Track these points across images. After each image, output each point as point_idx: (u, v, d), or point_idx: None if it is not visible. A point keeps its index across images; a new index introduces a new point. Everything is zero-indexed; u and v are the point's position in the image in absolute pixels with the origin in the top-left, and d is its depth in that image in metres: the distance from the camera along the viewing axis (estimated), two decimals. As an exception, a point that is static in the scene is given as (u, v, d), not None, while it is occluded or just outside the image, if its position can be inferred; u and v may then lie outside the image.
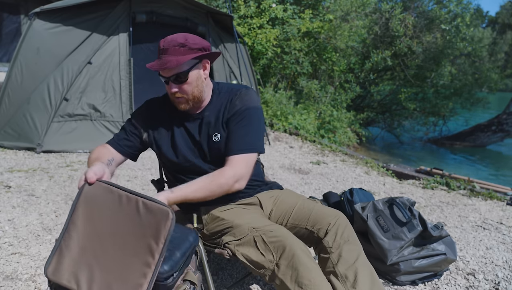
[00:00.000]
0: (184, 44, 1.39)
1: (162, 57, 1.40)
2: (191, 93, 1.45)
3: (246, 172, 1.45)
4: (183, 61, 1.37)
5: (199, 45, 1.42)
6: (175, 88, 1.43)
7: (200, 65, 1.46)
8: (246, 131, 1.48)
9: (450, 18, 9.14)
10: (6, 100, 4.13)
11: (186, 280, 1.22)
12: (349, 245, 1.39)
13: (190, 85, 1.44)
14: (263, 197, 1.64)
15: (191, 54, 1.40)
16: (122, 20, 4.37)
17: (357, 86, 8.64)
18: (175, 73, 1.40)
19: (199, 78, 1.46)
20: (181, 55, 1.39)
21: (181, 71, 1.41)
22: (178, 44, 1.39)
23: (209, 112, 1.54)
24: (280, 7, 7.86)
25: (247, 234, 1.39)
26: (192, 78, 1.44)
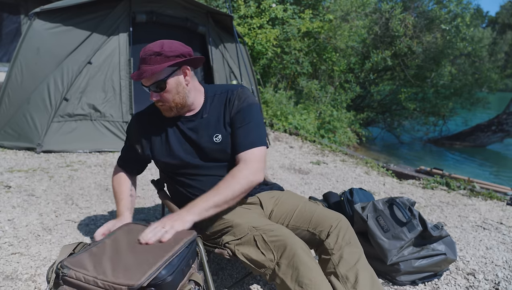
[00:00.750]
0: (159, 53, 1.40)
1: (141, 67, 1.42)
2: (172, 100, 1.47)
3: (260, 164, 1.48)
4: (157, 70, 1.38)
5: (176, 52, 1.42)
6: (155, 96, 1.46)
7: (180, 72, 1.46)
8: (251, 127, 1.51)
9: (450, 18, 9.14)
10: (6, 100, 4.13)
11: (191, 280, 1.24)
12: (350, 247, 1.40)
13: (169, 93, 1.45)
14: (264, 197, 1.64)
15: (167, 62, 1.40)
16: (122, 20, 4.37)
17: (357, 86, 8.64)
18: (153, 82, 1.42)
19: (179, 85, 1.46)
20: (157, 64, 1.40)
21: (159, 80, 1.42)
22: (154, 53, 1.40)
23: (208, 114, 1.55)
24: (280, 7, 7.86)
25: (247, 233, 1.39)
26: (171, 86, 1.45)
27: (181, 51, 1.44)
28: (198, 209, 1.37)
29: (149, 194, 3.07)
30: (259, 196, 1.64)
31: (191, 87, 1.51)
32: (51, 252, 2.07)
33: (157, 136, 1.58)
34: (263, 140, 1.52)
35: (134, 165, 1.72)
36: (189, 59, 1.46)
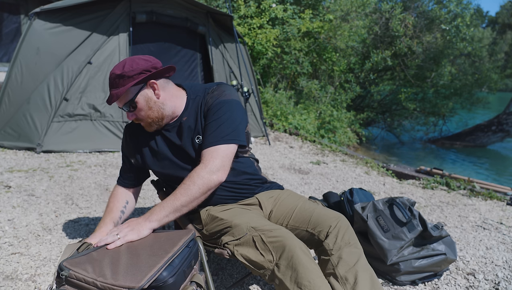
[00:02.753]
0: (121, 75, 1.40)
1: (110, 92, 1.44)
2: (147, 116, 1.48)
3: (220, 163, 1.41)
4: (121, 93, 1.40)
5: (137, 70, 1.41)
6: (131, 116, 1.48)
7: (147, 87, 1.45)
8: (217, 124, 1.45)
9: (450, 18, 9.14)
10: (6, 100, 4.13)
11: (192, 282, 1.24)
12: (349, 247, 1.39)
13: (142, 110, 1.46)
14: (263, 197, 1.64)
15: (130, 82, 1.40)
16: (122, 20, 4.37)
17: (357, 86, 8.64)
18: (124, 103, 1.44)
19: (149, 100, 1.46)
20: (121, 86, 1.41)
21: (128, 100, 1.44)
22: (116, 76, 1.41)
23: (187, 117, 1.53)
24: (280, 7, 7.86)
25: (246, 234, 1.38)
26: (141, 104, 1.45)
27: (143, 68, 1.41)
28: (157, 216, 1.36)
29: (149, 194, 3.07)
30: (258, 196, 1.63)
31: (165, 98, 1.48)
32: (51, 252, 2.07)
33: (146, 147, 1.59)
34: (232, 137, 1.45)
35: (130, 177, 1.69)
36: (153, 73, 1.43)
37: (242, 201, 1.60)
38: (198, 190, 1.38)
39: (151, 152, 1.59)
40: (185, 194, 1.38)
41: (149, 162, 1.60)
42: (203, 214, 1.55)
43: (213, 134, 1.44)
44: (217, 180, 1.40)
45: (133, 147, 1.62)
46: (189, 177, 1.40)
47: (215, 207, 1.56)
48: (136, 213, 2.68)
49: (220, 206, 1.57)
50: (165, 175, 1.60)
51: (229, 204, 1.58)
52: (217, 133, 1.44)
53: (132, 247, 1.27)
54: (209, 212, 1.54)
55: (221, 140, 1.43)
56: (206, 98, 1.51)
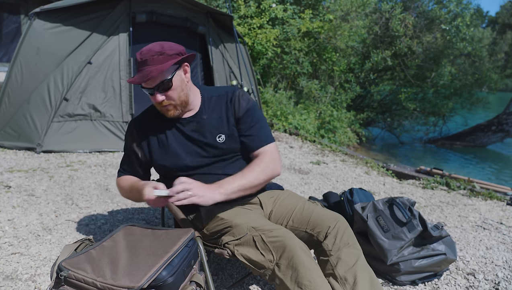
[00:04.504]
0: (162, 52, 1.40)
1: (143, 69, 1.41)
2: (178, 98, 1.48)
3: (278, 157, 1.57)
4: (165, 68, 1.39)
5: (175, 50, 1.44)
6: (161, 97, 1.44)
7: (181, 70, 1.48)
8: (261, 125, 1.57)
9: (450, 18, 9.14)
10: (6, 100, 4.13)
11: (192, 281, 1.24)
12: (348, 248, 1.39)
13: (175, 91, 1.46)
14: (264, 197, 1.64)
15: (171, 60, 1.41)
16: (122, 20, 4.37)
17: (357, 86, 8.64)
18: (159, 82, 1.42)
19: (182, 82, 1.48)
20: (161, 63, 1.40)
21: (165, 79, 1.42)
22: (156, 53, 1.40)
23: (207, 115, 1.56)
24: (280, 7, 7.86)
25: (246, 234, 1.39)
26: (177, 83, 1.46)
27: (179, 50, 1.46)
28: (226, 190, 1.39)
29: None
30: (259, 196, 1.64)
31: (191, 84, 1.54)
32: (51, 252, 2.07)
33: (156, 140, 1.58)
34: (272, 137, 1.60)
35: (136, 173, 1.68)
36: (186, 56, 1.48)
37: (243, 199, 1.61)
38: (265, 176, 1.49)
39: (160, 146, 1.57)
40: (254, 176, 1.45)
41: (157, 155, 1.58)
42: (203, 213, 1.55)
43: (264, 133, 1.56)
44: (278, 172, 1.54)
45: (141, 140, 1.60)
46: (256, 164, 1.49)
47: (215, 207, 1.56)
48: (136, 213, 2.68)
49: (221, 205, 1.57)
50: (170, 169, 1.57)
51: (230, 203, 1.58)
52: (266, 132, 1.57)
53: (131, 246, 1.27)
54: (210, 212, 1.54)
55: (271, 139, 1.58)
56: (234, 101, 1.56)
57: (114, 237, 1.34)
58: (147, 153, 1.60)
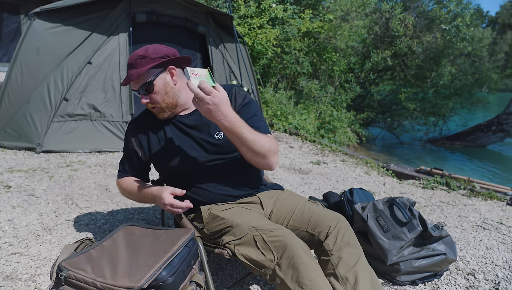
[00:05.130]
0: (144, 56, 1.45)
1: (128, 72, 1.46)
2: (162, 101, 1.50)
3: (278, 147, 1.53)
4: (142, 72, 1.43)
5: (160, 54, 1.47)
6: (145, 99, 1.49)
7: (166, 72, 1.50)
8: (259, 117, 1.57)
9: (450, 18, 9.13)
10: (6, 100, 4.13)
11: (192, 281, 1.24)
12: (349, 248, 1.40)
13: (158, 94, 1.48)
14: (264, 197, 1.64)
15: (151, 63, 1.44)
16: (122, 20, 4.37)
17: (357, 86, 8.64)
18: (141, 84, 1.46)
19: (166, 85, 1.50)
20: (142, 66, 1.44)
21: (146, 81, 1.46)
22: (139, 57, 1.45)
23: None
24: (280, 7, 7.86)
25: (247, 233, 1.39)
26: (159, 87, 1.48)
27: (165, 53, 1.48)
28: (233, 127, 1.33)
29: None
30: (259, 195, 1.64)
31: (180, 86, 1.54)
32: (51, 252, 2.07)
33: (156, 139, 1.59)
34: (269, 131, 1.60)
35: (136, 173, 1.70)
36: (173, 59, 1.49)
37: (244, 199, 1.61)
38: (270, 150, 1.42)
39: (160, 144, 1.58)
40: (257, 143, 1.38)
41: (156, 154, 1.59)
42: (204, 213, 1.55)
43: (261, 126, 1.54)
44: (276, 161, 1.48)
45: (141, 139, 1.61)
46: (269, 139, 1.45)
47: (216, 206, 1.56)
48: (136, 213, 2.68)
49: (221, 205, 1.57)
50: (170, 167, 1.58)
51: (231, 202, 1.59)
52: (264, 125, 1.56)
53: (131, 246, 1.27)
54: (210, 211, 1.54)
55: (269, 131, 1.57)
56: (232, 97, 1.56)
57: (114, 237, 1.34)
58: (147, 152, 1.61)
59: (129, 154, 1.67)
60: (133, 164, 1.67)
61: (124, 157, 1.70)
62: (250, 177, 1.63)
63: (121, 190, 1.71)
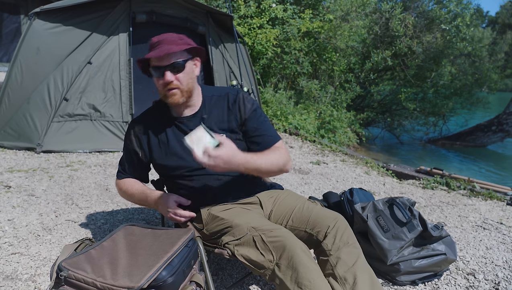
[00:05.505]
0: (182, 38, 1.47)
1: (160, 47, 1.43)
2: (186, 84, 1.48)
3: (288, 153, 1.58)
4: (184, 47, 1.42)
5: (192, 43, 1.50)
6: (172, 77, 1.44)
7: (193, 61, 1.51)
8: (268, 124, 1.60)
9: (450, 18, 9.13)
10: (6, 100, 4.13)
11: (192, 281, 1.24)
12: (348, 247, 1.39)
13: (186, 76, 1.47)
14: (263, 197, 1.64)
15: (186, 46, 1.45)
16: (122, 20, 4.37)
17: (357, 86, 8.64)
18: (173, 61, 1.43)
19: (192, 71, 1.50)
20: (178, 45, 1.43)
21: (179, 59, 1.44)
22: (176, 37, 1.45)
23: (208, 115, 1.56)
24: (280, 7, 7.86)
25: (246, 234, 1.39)
26: (188, 69, 1.48)
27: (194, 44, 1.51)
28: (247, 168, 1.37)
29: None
30: (259, 196, 1.64)
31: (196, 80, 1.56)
32: (51, 252, 2.07)
33: (156, 140, 1.58)
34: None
35: (135, 173, 1.69)
36: (201, 49, 1.51)
37: (243, 199, 1.61)
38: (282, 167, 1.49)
39: (160, 144, 1.57)
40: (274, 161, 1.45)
41: (157, 154, 1.58)
42: (203, 213, 1.55)
43: (272, 132, 1.59)
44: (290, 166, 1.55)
45: (142, 140, 1.60)
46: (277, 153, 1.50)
47: (215, 207, 1.56)
48: (136, 213, 2.68)
49: (221, 205, 1.57)
50: (170, 168, 1.57)
51: (230, 203, 1.58)
52: (273, 131, 1.60)
53: (131, 246, 1.27)
54: (210, 212, 1.54)
55: (278, 136, 1.60)
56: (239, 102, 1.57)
57: (114, 237, 1.34)
58: (147, 152, 1.60)
59: (129, 154, 1.65)
60: (133, 164, 1.66)
61: (124, 157, 1.69)
62: (250, 179, 1.62)
63: (120, 191, 1.70)
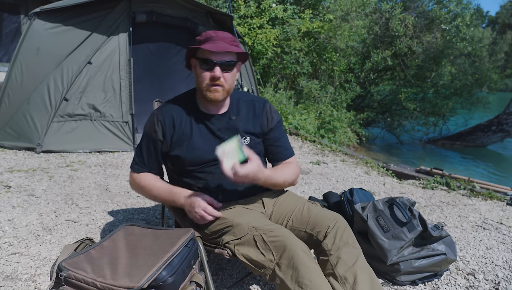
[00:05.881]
0: (235, 40, 1.51)
1: (218, 42, 1.45)
2: (229, 84, 1.52)
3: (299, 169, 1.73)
4: (238, 50, 1.47)
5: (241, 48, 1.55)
6: (220, 73, 1.47)
7: (238, 65, 1.56)
8: (287, 138, 1.74)
9: (450, 18, 9.13)
10: (6, 100, 4.13)
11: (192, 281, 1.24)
12: (348, 247, 1.39)
13: (231, 76, 1.52)
14: (266, 197, 1.65)
15: (240, 50, 1.49)
16: (122, 20, 4.37)
17: (357, 86, 8.64)
18: (227, 60, 1.47)
19: (236, 74, 1.56)
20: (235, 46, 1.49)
21: (232, 60, 1.49)
22: (232, 39, 1.49)
23: (236, 117, 1.60)
24: (280, 7, 7.86)
25: (247, 233, 1.39)
26: (235, 70, 1.53)
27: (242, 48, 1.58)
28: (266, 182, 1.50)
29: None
30: (262, 196, 1.65)
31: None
32: (51, 252, 2.07)
33: (180, 130, 1.55)
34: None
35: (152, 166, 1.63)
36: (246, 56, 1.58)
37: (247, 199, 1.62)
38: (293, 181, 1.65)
39: (182, 137, 1.55)
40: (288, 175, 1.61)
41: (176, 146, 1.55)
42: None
43: (289, 147, 1.72)
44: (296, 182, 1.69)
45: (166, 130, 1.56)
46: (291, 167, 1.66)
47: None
48: (136, 213, 2.68)
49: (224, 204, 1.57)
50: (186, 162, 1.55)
51: (234, 201, 1.59)
52: (290, 146, 1.74)
53: (131, 246, 1.27)
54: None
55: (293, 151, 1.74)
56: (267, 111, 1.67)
57: (114, 237, 1.34)
58: (169, 143, 1.56)
59: (150, 143, 1.59)
60: (151, 156, 1.60)
61: (143, 148, 1.62)
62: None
63: (138, 185, 1.63)
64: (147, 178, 1.62)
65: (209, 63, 1.45)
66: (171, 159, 1.60)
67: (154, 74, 4.84)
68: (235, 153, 1.36)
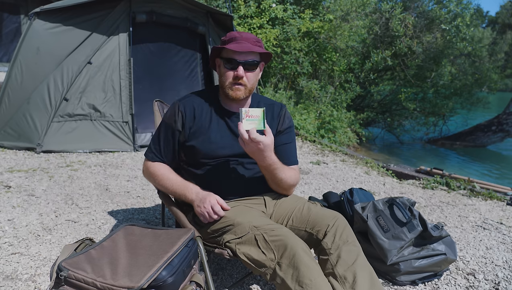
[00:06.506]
0: (258, 41, 1.55)
1: (242, 42, 1.50)
2: (252, 83, 1.56)
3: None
4: (262, 50, 1.51)
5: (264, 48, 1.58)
6: (243, 73, 1.51)
7: (261, 65, 1.60)
8: (294, 146, 1.75)
9: (450, 18, 9.13)
10: (6, 100, 4.13)
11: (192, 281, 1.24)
12: (348, 246, 1.40)
13: (254, 76, 1.56)
14: (268, 197, 1.66)
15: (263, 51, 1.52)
16: (122, 20, 4.37)
17: (357, 86, 8.63)
18: (250, 60, 1.51)
19: (258, 74, 1.60)
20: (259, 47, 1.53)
21: (255, 60, 1.53)
22: (255, 40, 1.54)
23: None
24: (280, 7, 7.86)
25: (248, 232, 1.39)
26: (257, 70, 1.58)
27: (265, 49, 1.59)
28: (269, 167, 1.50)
29: (149, 194, 3.07)
30: (264, 195, 1.65)
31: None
32: (51, 252, 2.07)
33: (200, 122, 1.58)
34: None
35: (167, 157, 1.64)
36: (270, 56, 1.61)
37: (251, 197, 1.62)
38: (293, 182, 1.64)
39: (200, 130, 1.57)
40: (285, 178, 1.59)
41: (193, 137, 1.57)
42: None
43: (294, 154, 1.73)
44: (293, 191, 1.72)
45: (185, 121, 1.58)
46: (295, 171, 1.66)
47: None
48: (136, 213, 2.68)
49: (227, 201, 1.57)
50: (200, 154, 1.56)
51: (237, 199, 1.59)
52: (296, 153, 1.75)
53: (131, 246, 1.27)
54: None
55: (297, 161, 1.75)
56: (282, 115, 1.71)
57: (114, 237, 1.34)
58: (187, 133, 1.58)
59: (169, 133, 1.60)
60: (168, 145, 1.61)
61: (160, 137, 1.63)
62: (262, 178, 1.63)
63: (151, 174, 1.63)
64: (161, 167, 1.63)
65: (233, 63, 1.50)
66: (185, 149, 1.61)
67: (154, 74, 4.84)
68: (257, 119, 1.39)
